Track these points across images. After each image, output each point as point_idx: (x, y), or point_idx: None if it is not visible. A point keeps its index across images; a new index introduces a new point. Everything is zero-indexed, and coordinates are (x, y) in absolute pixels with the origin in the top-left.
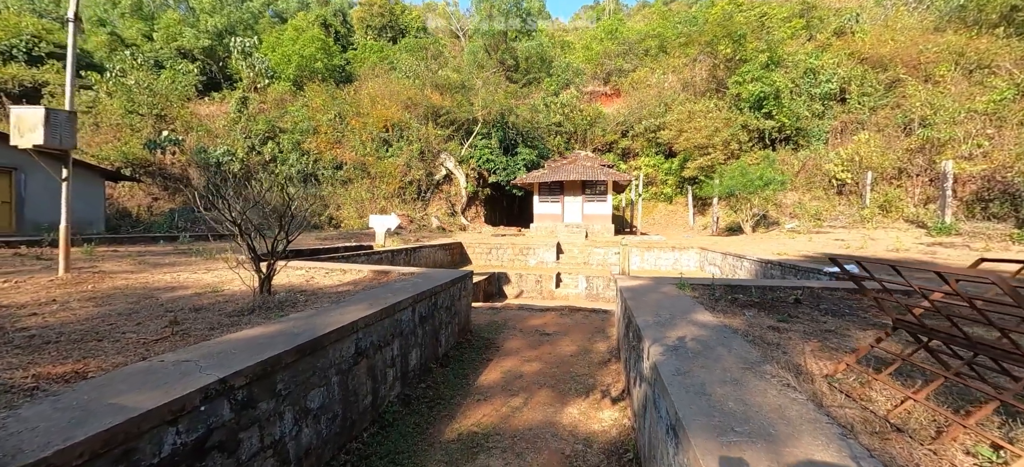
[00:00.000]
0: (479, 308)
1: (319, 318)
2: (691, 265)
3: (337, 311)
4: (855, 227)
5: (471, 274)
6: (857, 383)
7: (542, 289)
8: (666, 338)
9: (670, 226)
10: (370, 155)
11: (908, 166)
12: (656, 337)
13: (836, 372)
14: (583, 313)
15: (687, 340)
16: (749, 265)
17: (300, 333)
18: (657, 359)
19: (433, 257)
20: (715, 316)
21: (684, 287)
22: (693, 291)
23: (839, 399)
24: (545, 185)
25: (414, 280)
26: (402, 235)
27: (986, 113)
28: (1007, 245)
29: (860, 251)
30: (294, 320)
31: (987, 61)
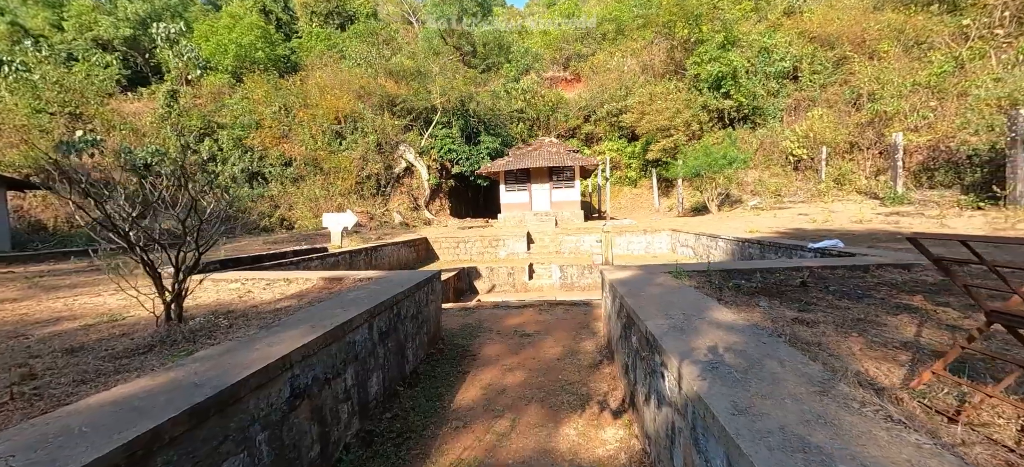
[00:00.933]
0: (450, 309)
1: (237, 354)
2: (663, 247)
3: (265, 341)
4: (813, 201)
5: (439, 274)
6: (953, 398)
7: (515, 282)
8: (694, 350)
9: (636, 209)
10: (321, 149)
11: (859, 140)
12: (683, 350)
13: (920, 384)
14: (563, 307)
15: (721, 351)
16: (724, 245)
17: (204, 382)
18: (698, 387)
19: (396, 256)
20: (733, 311)
21: (681, 276)
22: (691, 279)
23: (956, 431)
24: (511, 173)
25: (372, 287)
26: (362, 234)
27: (928, 86)
28: (958, 211)
29: (826, 225)
30: (201, 362)
31: (924, 37)
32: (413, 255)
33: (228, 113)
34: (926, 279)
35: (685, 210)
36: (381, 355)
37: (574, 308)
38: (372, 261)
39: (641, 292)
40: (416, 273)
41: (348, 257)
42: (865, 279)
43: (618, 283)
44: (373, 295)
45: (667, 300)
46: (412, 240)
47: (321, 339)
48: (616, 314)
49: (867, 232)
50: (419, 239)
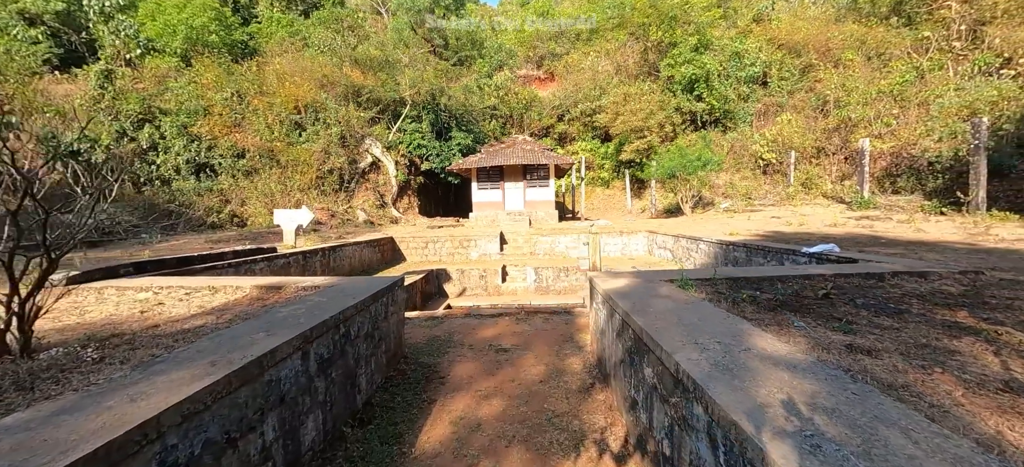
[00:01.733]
0: (416, 319)
1: (66, 423)
2: (639, 249)
3: (128, 392)
4: (783, 204)
5: (401, 281)
6: None
7: (487, 284)
8: (767, 409)
9: (608, 210)
10: (278, 140)
11: (826, 145)
12: (750, 409)
13: None
14: (542, 316)
15: (804, 410)
16: (706, 248)
17: None
18: None
19: (358, 257)
20: (773, 335)
21: (688, 286)
22: (699, 291)
23: None
24: (484, 171)
25: (316, 300)
26: (321, 232)
27: (891, 94)
28: (924, 216)
29: (801, 228)
30: (12, 435)
31: (883, 49)
32: (377, 256)
33: (172, 98)
34: (949, 290)
35: (658, 211)
36: (321, 390)
37: (554, 317)
38: (330, 263)
39: (648, 307)
40: (374, 280)
41: (301, 259)
42: (886, 289)
43: (616, 295)
44: (314, 311)
45: (686, 319)
46: (376, 240)
47: (222, 383)
48: (616, 333)
49: (845, 236)
50: (384, 239)
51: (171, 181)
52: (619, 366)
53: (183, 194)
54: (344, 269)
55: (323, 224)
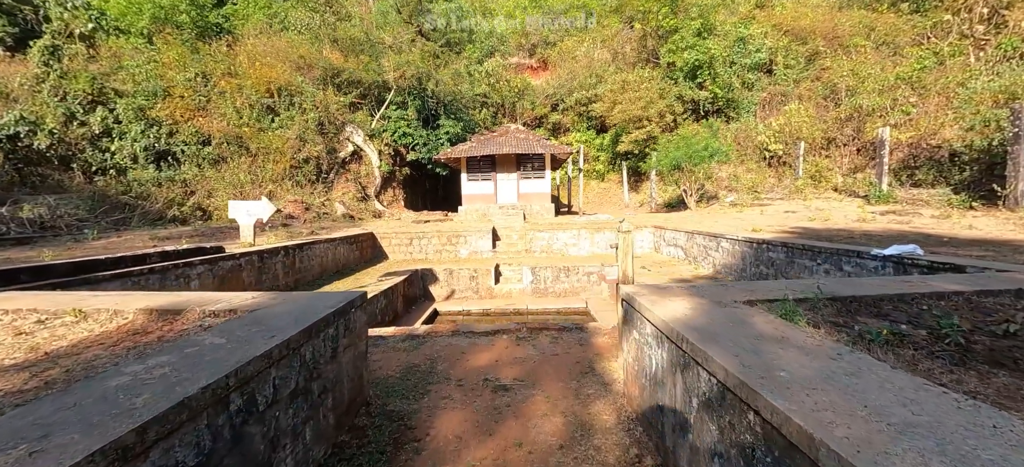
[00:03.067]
0: (390, 339)
1: None
2: (645, 246)
3: None
4: (791, 198)
5: (363, 298)
6: None
7: (479, 286)
8: None
9: (604, 204)
10: (248, 125)
11: (837, 135)
12: None
13: None
14: (549, 334)
15: None
16: (730, 247)
17: None
18: None
19: (331, 256)
20: None
21: (794, 315)
22: (814, 323)
23: None
24: (474, 161)
25: (208, 343)
26: (292, 227)
27: (908, 81)
28: (954, 210)
29: (827, 224)
30: None
31: (892, 36)
32: (355, 254)
33: (128, 77)
34: None
35: (657, 206)
36: None
37: (564, 335)
38: (295, 264)
39: (769, 363)
40: (328, 297)
41: (257, 260)
42: None
43: (689, 332)
44: (194, 367)
45: (859, 394)
46: (354, 236)
47: None
48: (701, 401)
49: (885, 232)
50: (363, 234)
51: (127, 170)
52: (700, 445)
53: (140, 184)
54: (313, 271)
55: (296, 218)
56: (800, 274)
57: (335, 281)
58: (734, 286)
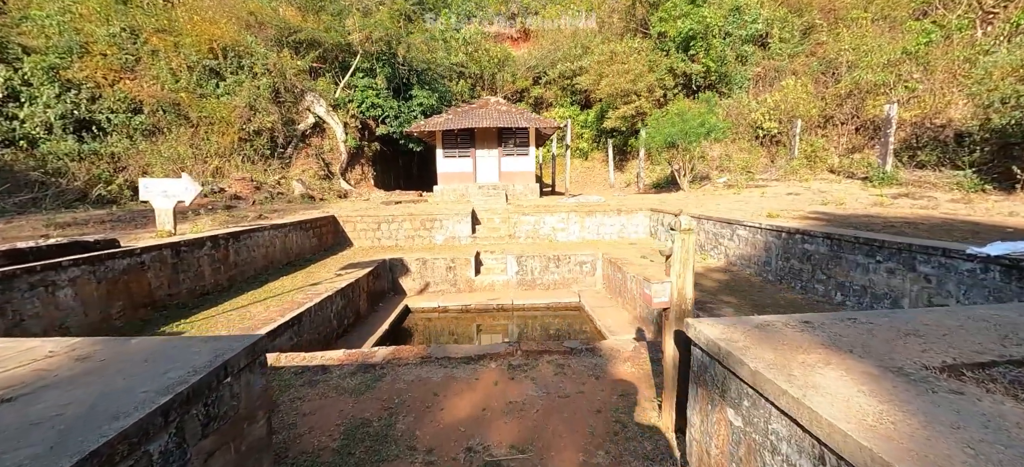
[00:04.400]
0: (334, 373)
1: None
2: (640, 231)
3: None
4: (786, 179)
5: (254, 349)
6: None
7: (457, 278)
8: None
9: (588, 184)
10: (187, 90)
11: (835, 113)
12: None
13: None
14: (551, 360)
15: None
16: (748, 236)
17: None
18: None
19: (281, 245)
20: None
21: None
22: None
23: None
24: (451, 135)
25: None
26: (239, 209)
27: (915, 56)
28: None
29: (841, 209)
30: None
31: (889, 10)
32: (312, 242)
33: (37, 31)
34: None
35: (645, 186)
36: None
37: (572, 360)
38: (228, 257)
39: None
40: (168, 358)
41: (172, 255)
42: None
43: None
44: None
45: None
46: (312, 220)
47: None
48: None
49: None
50: (323, 218)
51: (39, 141)
52: None
53: (57, 159)
54: (256, 264)
55: (243, 199)
56: (850, 273)
57: (283, 276)
58: (880, 322)
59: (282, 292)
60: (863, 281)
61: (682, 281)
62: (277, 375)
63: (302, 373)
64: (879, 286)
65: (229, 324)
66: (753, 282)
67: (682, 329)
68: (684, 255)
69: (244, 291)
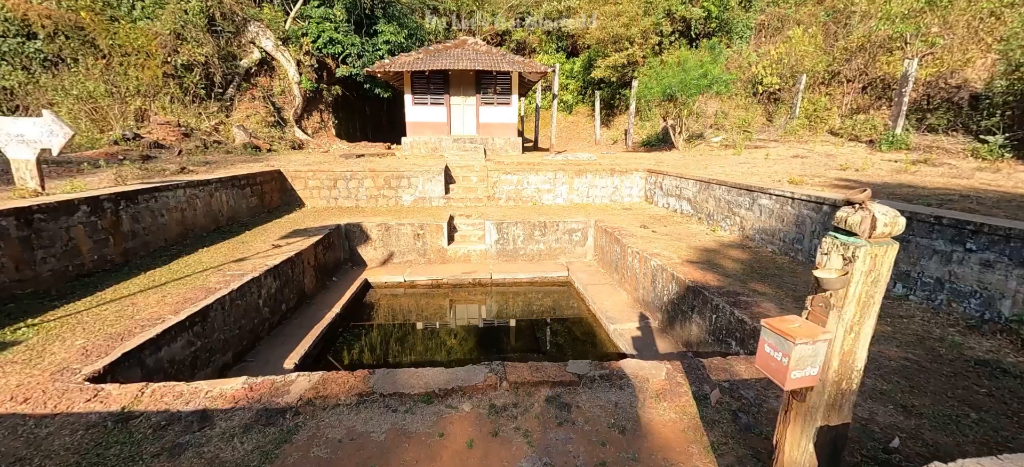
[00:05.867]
0: (220, 424)
1: None
2: (634, 194)
3: None
4: (785, 141)
5: None
6: None
7: (426, 247)
8: None
9: (571, 141)
10: (90, 9)
11: (843, 69)
12: None
13: None
14: (549, 392)
15: None
16: (775, 207)
17: None
18: None
19: (204, 207)
20: None
21: None
22: None
23: None
24: (421, 79)
25: None
26: (157, 161)
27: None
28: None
29: (865, 174)
30: None
31: None
32: (250, 202)
33: None
34: None
35: (635, 144)
36: None
37: (581, 392)
38: (119, 227)
39: None
40: None
41: (21, 226)
42: None
43: None
44: None
45: None
46: (249, 176)
47: None
48: None
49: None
50: (266, 173)
51: None
52: None
53: None
54: (168, 232)
55: (166, 148)
56: (921, 262)
57: (204, 248)
58: None
59: (196, 271)
60: (939, 273)
61: (854, 341)
62: (126, 433)
63: (167, 427)
64: (965, 281)
65: (97, 325)
66: (780, 263)
67: (836, 426)
68: (867, 288)
69: (143, 270)
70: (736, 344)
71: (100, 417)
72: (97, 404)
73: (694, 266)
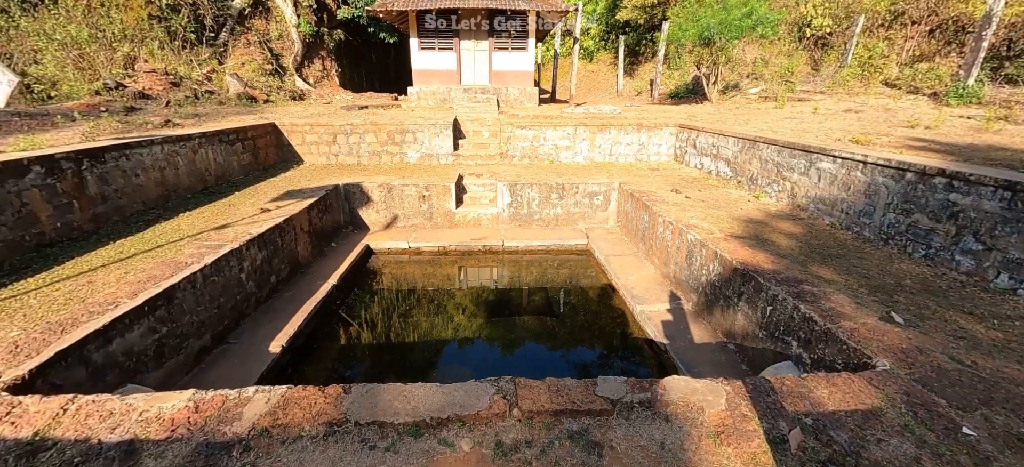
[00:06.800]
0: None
1: None
2: (662, 152)
3: None
4: (833, 93)
5: None
6: None
7: (433, 211)
8: None
9: (591, 92)
10: None
11: (909, 9)
12: None
13: None
14: (578, 433)
15: None
16: (838, 172)
17: None
18: None
19: (187, 166)
20: None
21: None
22: None
23: None
24: (428, 19)
25: None
26: (142, 113)
27: None
28: None
29: (937, 134)
30: None
31: None
32: (242, 159)
33: None
34: None
35: (661, 96)
36: None
37: (616, 427)
38: (84, 190)
39: None
40: None
41: None
42: None
43: None
44: None
45: None
46: (239, 130)
47: None
48: None
49: None
50: (258, 127)
51: None
52: None
53: None
54: (146, 194)
55: (153, 98)
56: None
57: (187, 212)
58: None
59: (172, 240)
60: None
61: None
62: None
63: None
64: None
65: (42, 310)
66: (843, 241)
67: None
68: None
69: (114, 239)
70: (799, 345)
71: (4, 447)
72: (7, 427)
73: (740, 242)
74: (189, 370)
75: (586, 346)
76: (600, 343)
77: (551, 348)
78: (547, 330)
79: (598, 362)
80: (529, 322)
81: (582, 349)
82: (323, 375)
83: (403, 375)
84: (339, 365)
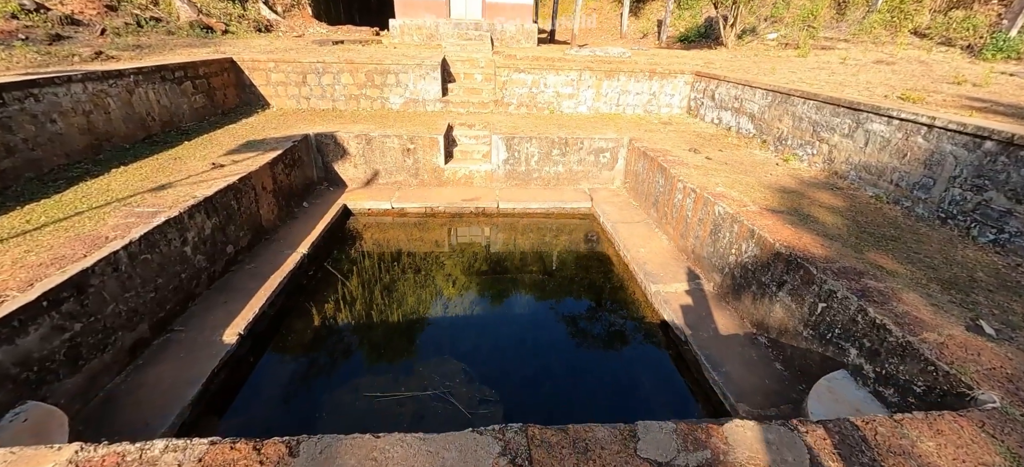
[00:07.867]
0: None
1: None
2: (675, 105)
3: None
4: (858, 41)
5: None
6: None
7: (418, 166)
8: None
9: (592, 34)
10: None
11: None
12: None
13: None
14: None
15: None
16: (892, 136)
17: None
18: None
19: (122, 112)
20: None
21: None
22: None
23: None
24: None
25: None
26: (71, 42)
27: None
28: None
29: (986, 91)
30: None
31: None
32: (194, 101)
33: None
34: None
35: (669, 39)
36: None
37: None
38: None
39: None
40: None
41: None
42: None
43: None
44: None
45: None
46: (190, 65)
47: None
48: None
49: None
50: (214, 62)
51: None
52: None
53: None
54: (68, 145)
55: (86, 25)
56: None
57: (119, 167)
58: None
59: (95, 205)
60: None
61: None
62: None
63: None
64: None
65: None
66: (892, 217)
67: None
68: None
69: (22, 202)
70: (860, 355)
71: None
72: None
73: (779, 218)
74: (120, 369)
75: (595, 334)
76: (610, 330)
77: (554, 333)
78: (549, 309)
79: (610, 356)
80: (527, 299)
81: (590, 337)
82: (289, 372)
83: (383, 371)
84: (311, 353)
